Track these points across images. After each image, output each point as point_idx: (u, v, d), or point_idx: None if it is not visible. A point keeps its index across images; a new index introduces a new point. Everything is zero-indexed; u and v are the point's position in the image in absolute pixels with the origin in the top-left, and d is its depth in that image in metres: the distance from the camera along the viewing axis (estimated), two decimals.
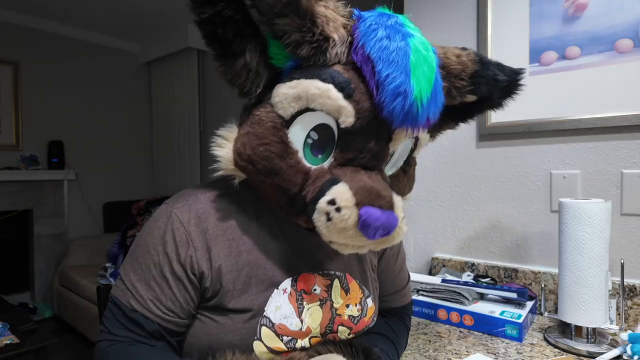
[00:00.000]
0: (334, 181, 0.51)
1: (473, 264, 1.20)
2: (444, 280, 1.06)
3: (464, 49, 0.63)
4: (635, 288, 0.96)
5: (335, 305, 0.63)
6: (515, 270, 1.12)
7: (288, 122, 0.53)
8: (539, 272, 1.09)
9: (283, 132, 0.53)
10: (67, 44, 3.40)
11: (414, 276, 1.09)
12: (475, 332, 0.94)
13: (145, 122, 3.99)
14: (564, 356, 0.81)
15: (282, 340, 0.59)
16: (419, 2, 1.30)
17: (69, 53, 3.41)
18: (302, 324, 0.60)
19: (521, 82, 0.68)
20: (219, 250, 0.58)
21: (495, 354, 0.82)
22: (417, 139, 0.60)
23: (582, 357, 0.81)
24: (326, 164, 0.54)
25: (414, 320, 1.02)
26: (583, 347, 0.83)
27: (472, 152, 1.22)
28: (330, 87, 0.50)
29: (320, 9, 0.49)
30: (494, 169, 1.18)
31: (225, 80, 0.55)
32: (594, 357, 0.79)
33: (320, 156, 0.54)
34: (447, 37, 1.24)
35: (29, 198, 3.15)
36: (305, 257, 0.63)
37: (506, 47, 1.13)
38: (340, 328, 0.64)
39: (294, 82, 0.52)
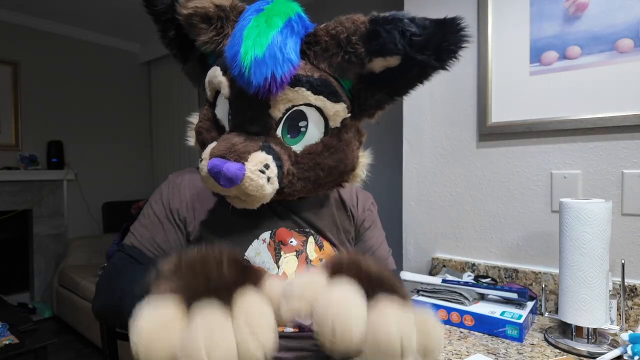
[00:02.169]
0: (213, 142, 0.62)
1: (473, 264, 1.20)
2: (444, 281, 1.06)
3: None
4: (635, 288, 0.96)
5: (310, 257, 0.72)
6: (516, 271, 1.12)
7: (212, 104, 0.68)
8: (540, 272, 1.08)
9: (210, 112, 0.68)
10: (67, 43, 3.39)
11: (414, 276, 1.09)
12: (476, 333, 0.94)
13: (144, 121, 3.98)
14: (564, 356, 0.81)
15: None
16: (419, 2, 1.30)
17: (69, 53, 3.40)
18: (278, 269, 0.69)
19: (455, 32, 0.60)
20: (204, 205, 0.71)
21: (495, 355, 0.82)
22: (320, 109, 0.63)
23: (582, 358, 0.81)
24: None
25: None
26: (584, 347, 0.83)
27: (472, 152, 1.22)
28: (217, 68, 0.64)
29: (215, 12, 0.64)
30: (494, 169, 1.18)
31: (191, 82, 0.77)
32: (595, 358, 0.79)
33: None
34: None
35: (29, 198, 3.14)
36: (283, 217, 0.74)
37: (506, 47, 1.13)
38: None
39: (208, 72, 0.67)
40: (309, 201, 0.75)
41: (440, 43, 0.60)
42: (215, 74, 0.64)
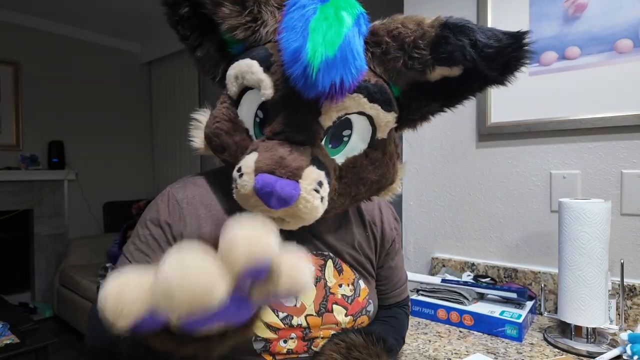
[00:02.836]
0: (251, 151, 0.53)
1: (473, 264, 1.20)
2: (443, 280, 1.06)
3: (437, 17, 0.57)
4: (635, 288, 0.96)
5: (328, 284, 0.64)
6: (515, 270, 1.12)
7: (236, 102, 0.58)
8: (539, 272, 1.09)
9: (232, 111, 0.58)
10: (67, 44, 3.40)
11: (414, 276, 1.09)
12: (475, 332, 0.94)
13: (145, 121, 3.99)
14: (563, 356, 0.81)
15: (277, 316, 0.60)
16: (419, 2, 1.30)
17: (69, 53, 3.41)
18: (296, 300, 0.61)
19: (525, 47, 0.56)
20: (213, 228, 0.60)
21: (495, 354, 0.82)
22: (370, 118, 0.57)
23: (581, 357, 0.81)
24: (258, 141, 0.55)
25: (414, 320, 1.03)
26: (583, 347, 0.83)
27: (472, 152, 1.22)
28: (254, 62, 0.54)
29: None
30: (494, 169, 1.18)
31: (198, 71, 0.63)
32: (594, 357, 0.79)
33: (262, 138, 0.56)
34: None
35: (29, 198, 3.15)
36: (299, 239, 0.62)
37: None
38: (335, 307, 0.63)
39: (235, 64, 0.57)
40: (327, 219, 0.64)
41: (509, 57, 0.56)
42: (252, 69, 0.53)
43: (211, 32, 0.60)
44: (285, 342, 0.60)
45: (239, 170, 0.51)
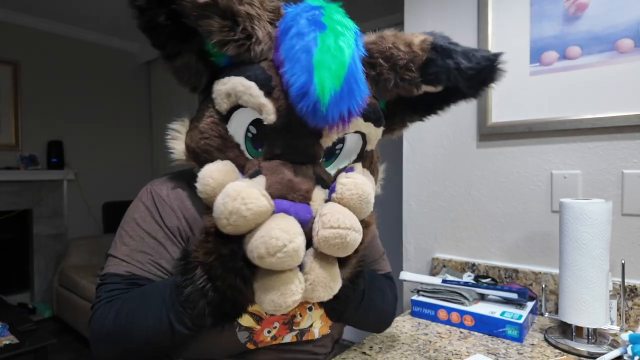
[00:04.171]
0: (256, 173, 0.54)
1: (473, 264, 1.20)
2: (444, 281, 1.06)
3: (430, 34, 0.60)
4: (636, 288, 0.96)
5: None
6: (516, 271, 1.12)
7: (225, 118, 0.57)
8: (540, 273, 1.08)
9: (222, 127, 0.57)
10: (67, 43, 3.40)
11: (415, 276, 1.09)
12: (476, 333, 0.94)
13: (144, 121, 3.99)
14: (564, 357, 0.81)
15: None
16: (419, 2, 1.30)
17: (69, 53, 3.41)
18: None
19: (498, 67, 0.62)
20: (198, 221, 0.61)
21: (495, 355, 0.82)
22: (363, 134, 0.60)
23: (582, 358, 0.81)
24: (258, 159, 0.57)
25: (414, 320, 1.02)
26: (584, 347, 0.83)
27: (472, 152, 1.22)
28: (253, 84, 0.53)
29: (242, 7, 0.51)
30: (494, 169, 1.18)
31: (174, 79, 0.61)
32: (595, 358, 0.79)
33: (260, 149, 0.57)
34: None
35: (29, 198, 3.15)
36: None
37: (507, 47, 1.13)
38: None
39: (226, 79, 0.55)
40: None
41: (485, 78, 0.62)
42: (251, 92, 0.53)
43: (189, 41, 0.56)
44: (269, 332, 0.63)
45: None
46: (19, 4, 2.94)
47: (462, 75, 0.59)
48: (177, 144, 0.62)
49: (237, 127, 0.57)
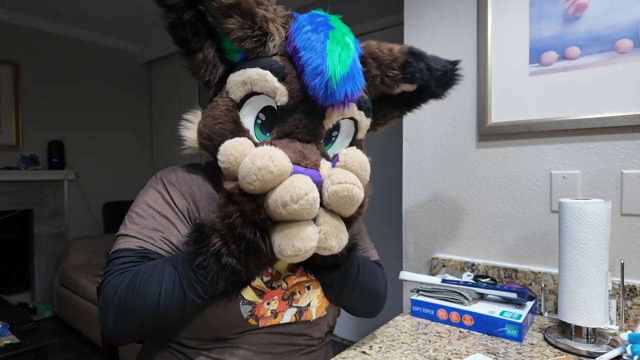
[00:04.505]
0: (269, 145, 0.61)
1: (473, 264, 1.20)
2: (444, 280, 1.06)
3: (402, 45, 0.74)
4: (635, 288, 0.96)
5: None
6: (515, 271, 1.12)
7: (239, 105, 0.65)
8: (539, 272, 1.09)
9: (235, 113, 0.65)
10: (67, 43, 3.40)
11: (414, 276, 1.09)
12: (475, 332, 0.94)
13: (145, 121, 3.99)
14: (563, 356, 0.81)
15: (262, 280, 0.68)
16: (419, 2, 1.30)
17: (69, 53, 3.41)
18: (272, 269, 0.69)
19: (458, 71, 0.79)
20: (204, 199, 0.69)
21: (495, 354, 0.82)
22: (356, 122, 0.71)
23: (582, 357, 0.81)
24: (269, 138, 0.65)
25: (414, 320, 1.03)
26: (583, 347, 0.83)
27: (472, 152, 1.22)
28: (268, 72, 0.62)
29: (260, 10, 0.62)
30: (494, 169, 1.18)
31: (191, 74, 0.70)
32: (594, 357, 0.79)
33: (267, 134, 0.66)
34: (447, 37, 1.24)
35: (29, 198, 3.15)
36: None
37: (506, 47, 1.13)
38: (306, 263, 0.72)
39: (241, 71, 0.64)
40: None
41: (449, 78, 0.79)
42: (267, 78, 0.62)
43: (210, 37, 0.66)
44: (268, 304, 0.68)
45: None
46: (19, 4, 2.94)
47: (432, 75, 0.75)
48: (190, 133, 0.69)
49: (248, 115, 0.66)
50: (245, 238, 0.56)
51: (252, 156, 0.54)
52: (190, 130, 0.69)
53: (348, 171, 0.59)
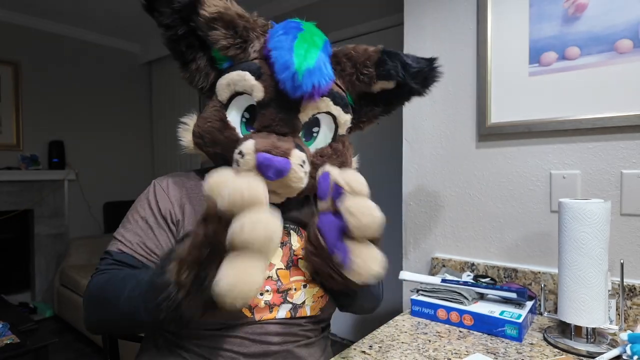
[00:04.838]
0: (247, 139, 0.67)
1: (473, 264, 1.20)
2: (443, 280, 1.06)
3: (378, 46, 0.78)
4: (634, 288, 0.96)
5: (293, 247, 0.76)
6: (515, 270, 1.12)
7: (225, 106, 0.73)
8: (539, 272, 1.09)
9: (222, 113, 0.72)
10: (67, 44, 3.40)
11: (414, 276, 1.09)
12: (475, 332, 0.94)
13: (145, 122, 3.99)
14: (563, 356, 0.82)
15: None
16: (419, 2, 1.30)
17: (69, 53, 3.41)
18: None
19: (437, 68, 0.81)
20: (193, 206, 0.73)
21: (494, 354, 0.82)
22: (334, 117, 0.75)
23: (581, 357, 0.81)
24: (251, 133, 0.70)
25: (414, 320, 1.03)
26: (583, 347, 0.83)
27: (472, 152, 1.22)
28: (246, 72, 0.69)
29: (240, 21, 0.70)
30: (494, 169, 1.18)
31: (187, 83, 0.77)
32: (594, 357, 0.79)
33: (251, 131, 0.71)
34: (447, 37, 1.24)
35: (30, 198, 3.15)
36: None
37: (506, 48, 1.14)
38: (300, 262, 0.75)
39: (226, 75, 0.72)
40: (293, 201, 0.78)
41: (427, 75, 0.81)
42: (245, 77, 0.69)
43: (202, 49, 0.74)
44: (261, 294, 0.70)
45: (241, 152, 0.65)
46: (19, 4, 2.94)
47: (407, 72, 0.77)
48: (186, 134, 0.76)
49: (234, 114, 0.72)
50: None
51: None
52: (187, 132, 0.76)
53: (361, 197, 0.61)
